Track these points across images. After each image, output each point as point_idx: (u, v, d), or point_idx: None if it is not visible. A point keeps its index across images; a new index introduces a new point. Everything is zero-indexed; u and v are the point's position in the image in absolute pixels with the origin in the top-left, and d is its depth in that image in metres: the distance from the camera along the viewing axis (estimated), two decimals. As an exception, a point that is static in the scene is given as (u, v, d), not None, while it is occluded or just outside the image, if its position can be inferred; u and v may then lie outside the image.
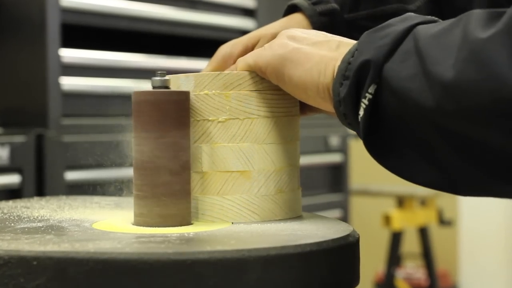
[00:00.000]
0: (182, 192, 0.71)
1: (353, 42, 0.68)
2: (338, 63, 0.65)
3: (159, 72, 0.71)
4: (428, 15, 0.87)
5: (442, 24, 0.61)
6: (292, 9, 0.91)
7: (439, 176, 0.62)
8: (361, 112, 0.63)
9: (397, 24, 0.63)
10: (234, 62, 0.86)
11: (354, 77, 0.63)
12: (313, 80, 0.67)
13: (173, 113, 0.70)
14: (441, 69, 0.58)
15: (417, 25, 0.62)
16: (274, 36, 0.86)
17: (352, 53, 0.64)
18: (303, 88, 0.68)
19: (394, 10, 0.88)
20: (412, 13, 0.65)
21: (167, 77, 0.71)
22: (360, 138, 0.65)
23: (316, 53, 0.68)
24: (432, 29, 0.61)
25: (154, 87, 0.71)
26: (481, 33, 0.56)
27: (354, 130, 0.66)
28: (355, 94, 0.63)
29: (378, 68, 0.61)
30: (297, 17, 0.90)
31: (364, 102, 0.62)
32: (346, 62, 0.64)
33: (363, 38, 0.64)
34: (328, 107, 0.68)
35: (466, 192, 0.63)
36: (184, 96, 0.71)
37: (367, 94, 0.62)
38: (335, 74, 0.66)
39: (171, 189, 0.70)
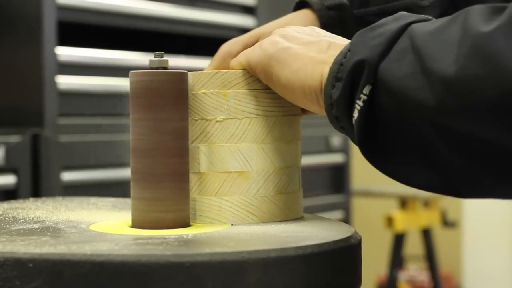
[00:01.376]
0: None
1: (346, 42, 0.66)
2: (327, 66, 0.64)
3: (156, 52, 0.70)
4: (442, 11, 0.86)
5: (438, 21, 0.60)
6: (302, 4, 0.90)
7: (439, 179, 0.61)
8: (356, 115, 0.61)
9: (390, 23, 0.62)
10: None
11: (348, 77, 0.62)
12: (300, 82, 0.66)
13: (171, 93, 0.69)
14: (442, 66, 0.56)
15: (411, 24, 0.61)
16: None
17: (344, 54, 0.63)
18: (290, 89, 0.68)
19: (406, 6, 0.87)
20: (405, 12, 0.64)
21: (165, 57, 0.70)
22: (354, 142, 0.63)
23: (304, 54, 0.67)
24: (428, 26, 0.60)
25: (151, 68, 0.70)
26: (483, 27, 0.55)
27: (347, 134, 0.65)
28: (349, 96, 0.62)
29: (373, 68, 0.60)
30: (304, 12, 0.89)
31: (359, 103, 0.61)
32: (338, 64, 0.63)
33: (356, 38, 0.63)
34: (316, 109, 0.67)
35: (468, 194, 0.62)
36: (182, 76, 0.70)
37: (361, 95, 0.60)
38: (324, 76, 0.64)
39: (169, 173, 0.68)
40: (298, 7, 0.90)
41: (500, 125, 0.55)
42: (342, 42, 0.67)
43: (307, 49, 0.67)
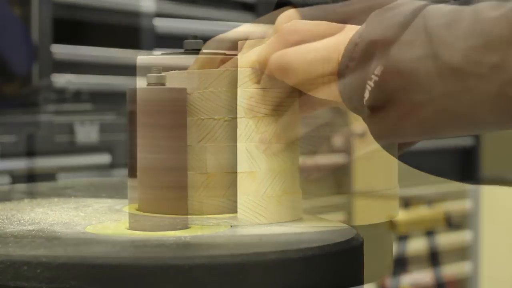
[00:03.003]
0: (178, 195, 0.69)
1: (358, 27, 0.66)
2: (342, 46, 0.64)
3: (154, 68, 0.69)
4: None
5: (453, 4, 0.60)
6: (282, 3, 0.89)
7: None
8: (367, 95, 0.61)
9: (406, 4, 0.62)
10: (221, 59, 0.85)
11: (361, 57, 0.61)
12: (317, 69, 0.66)
13: (169, 111, 0.68)
14: (450, 51, 0.57)
15: (426, 5, 0.61)
16: (263, 33, 0.85)
17: (360, 34, 0.62)
18: (308, 79, 0.67)
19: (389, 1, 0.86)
20: None
21: (163, 73, 0.70)
22: (365, 122, 0.63)
23: (320, 43, 0.66)
24: (442, 9, 0.59)
25: (149, 84, 0.69)
26: (492, 11, 0.55)
27: (359, 115, 0.65)
28: (361, 77, 0.62)
29: (385, 49, 0.60)
30: (286, 10, 0.88)
31: (370, 84, 0.61)
32: (354, 43, 0.62)
33: (371, 18, 0.63)
34: (335, 95, 0.66)
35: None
36: (181, 94, 0.69)
37: (373, 76, 0.60)
38: (340, 56, 0.64)
39: (166, 190, 0.68)
40: (278, 5, 0.90)
41: (506, 113, 0.56)
42: (353, 26, 0.67)
43: (320, 37, 0.66)
